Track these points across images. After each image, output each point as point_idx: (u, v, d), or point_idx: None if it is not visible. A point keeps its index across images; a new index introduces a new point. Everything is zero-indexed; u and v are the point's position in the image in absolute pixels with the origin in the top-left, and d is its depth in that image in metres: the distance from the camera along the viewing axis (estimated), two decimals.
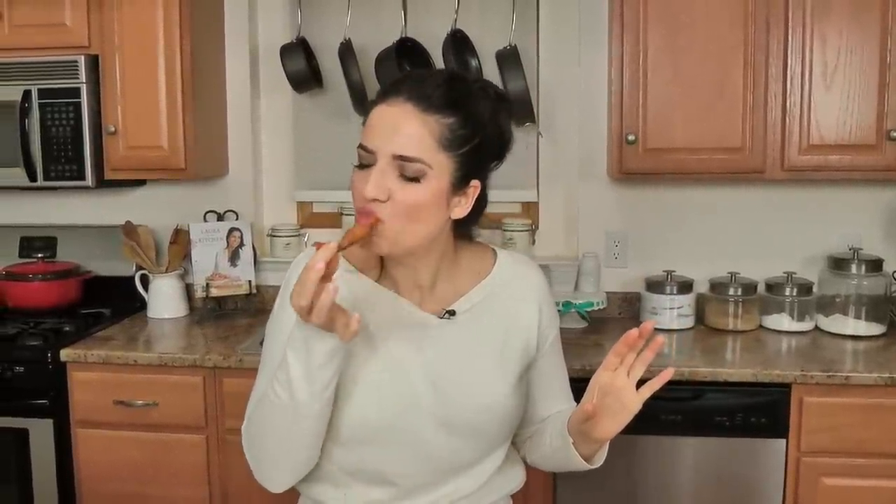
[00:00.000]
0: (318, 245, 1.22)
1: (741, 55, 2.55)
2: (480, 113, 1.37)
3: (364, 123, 1.38)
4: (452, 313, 1.46)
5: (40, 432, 2.58)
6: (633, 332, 1.34)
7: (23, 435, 2.58)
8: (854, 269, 2.72)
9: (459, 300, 1.48)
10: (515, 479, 1.58)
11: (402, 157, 1.30)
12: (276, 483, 1.42)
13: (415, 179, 1.31)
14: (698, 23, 2.56)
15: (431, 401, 1.42)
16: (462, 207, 1.39)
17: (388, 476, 1.43)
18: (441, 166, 1.33)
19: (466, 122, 1.34)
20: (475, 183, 1.39)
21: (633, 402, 1.34)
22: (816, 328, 2.77)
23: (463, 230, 1.48)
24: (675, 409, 2.38)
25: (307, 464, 1.42)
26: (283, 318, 1.44)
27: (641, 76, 2.60)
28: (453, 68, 2.10)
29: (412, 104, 1.32)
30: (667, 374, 1.34)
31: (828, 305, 2.76)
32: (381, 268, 1.47)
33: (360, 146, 1.35)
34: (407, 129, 1.31)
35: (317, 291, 1.18)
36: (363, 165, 1.34)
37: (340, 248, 1.23)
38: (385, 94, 1.37)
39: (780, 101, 2.56)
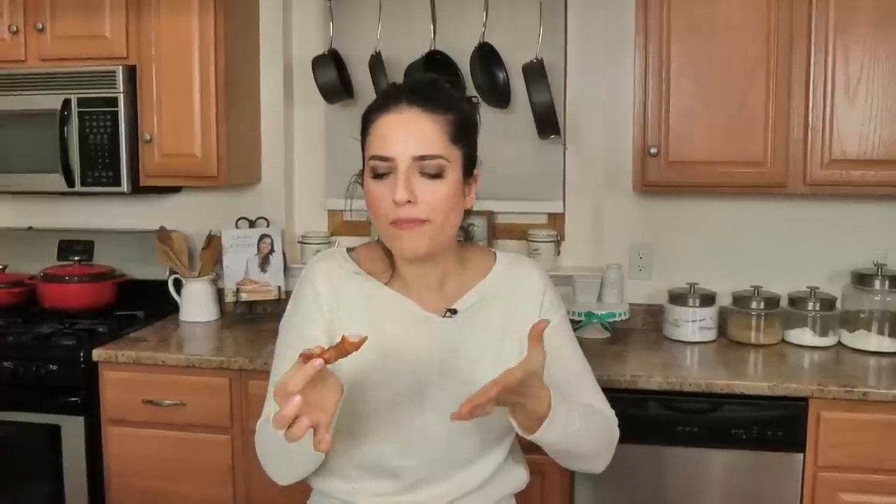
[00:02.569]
0: (305, 357, 1.20)
1: (763, 68, 2.54)
2: (465, 107, 1.48)
3: (365, 137, 1.45)
4: (454, 311, 1.52)
5: (72, 429, 2.66)
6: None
7: (55, 431, 2.66)
8: (878, 284, 2.70)
9: (461, 299, 1.54)
10: (518, 478, 1.62)
11: (422, 157, 1.39)
12: (280, 480, 1.50)
13: (437, 175, 1.39)
14: (721, 36, 2.56)
15: (434, 396, 1.48)
16: (471, 196, 1.49)
17: (393, 469, 1.49)
18: (454, 157, 1.42)
19: (463, 117, 1.45)
20: (476, 170, 1.50)
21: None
22: (839, 343, 2.75)
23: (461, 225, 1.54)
24: (692, 421, 2.38)
25: (308, 471, 1.50)
26: (293, 321, 1.56)
27: (664, 89, 2.62)
28: (430, 74, 2.21)
29: (418, 107, 1.41)
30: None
31: (851, 321, 2.74)
32: (392, 272, 1.54)
33: (375, 157, 1.41)
34: (421, 130, 1.40)
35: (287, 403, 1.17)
36: (379, 175, 1.41)
37: (327, 363, 1.21)
38: (385, 105, 1.43)
39: (802, 115, 2.55)
